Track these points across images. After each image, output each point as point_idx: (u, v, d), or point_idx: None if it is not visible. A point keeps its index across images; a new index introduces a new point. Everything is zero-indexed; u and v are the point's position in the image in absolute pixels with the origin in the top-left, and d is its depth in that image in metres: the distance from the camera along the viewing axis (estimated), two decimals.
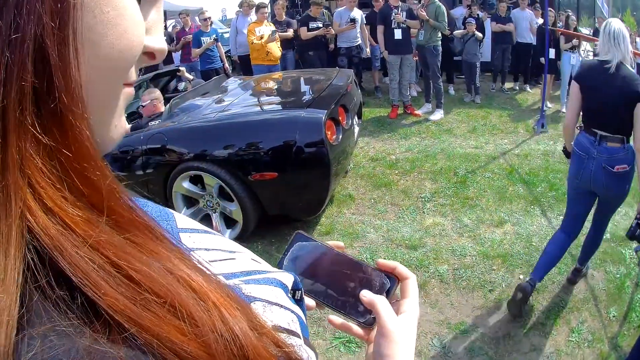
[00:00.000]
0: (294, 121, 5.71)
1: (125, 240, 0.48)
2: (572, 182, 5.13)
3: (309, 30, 11.97)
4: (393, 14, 10.82)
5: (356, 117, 7.37)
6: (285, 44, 12.27)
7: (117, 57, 0.51)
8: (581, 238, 5.78)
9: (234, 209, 5.83)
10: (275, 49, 11.55)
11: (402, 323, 0.94)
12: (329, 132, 5.80)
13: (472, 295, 5.27)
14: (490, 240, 6.22)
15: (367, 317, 1.00)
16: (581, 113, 4.79)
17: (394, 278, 1.02)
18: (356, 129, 7.31)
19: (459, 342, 4.64)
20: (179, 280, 0.48)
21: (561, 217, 6.55)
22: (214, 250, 0.72)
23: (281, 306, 0.67)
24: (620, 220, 6.85)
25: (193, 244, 0.70)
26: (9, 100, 0.40)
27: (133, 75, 0.58)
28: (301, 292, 0.80)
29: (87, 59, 0.46)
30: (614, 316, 5.03)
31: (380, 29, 11.21)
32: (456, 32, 12.82)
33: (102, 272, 0.44)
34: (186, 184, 5.96)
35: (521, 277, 5.52)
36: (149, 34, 0.57)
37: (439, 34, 11.26)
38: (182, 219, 0.75)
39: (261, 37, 11.25)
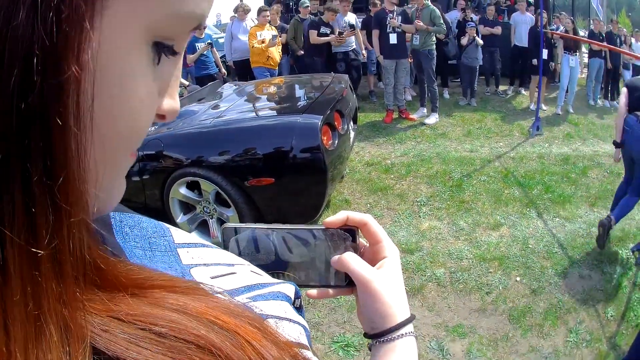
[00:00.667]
0: (290, 127, 5.70)
1: (143, 301, 0.49)
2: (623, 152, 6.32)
3: (319, 35, 11.96)
4: (388, 18, 10.82)
5: (352, 122, 7.37)
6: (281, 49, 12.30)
7: (125, 136, 0.48)
8: (578, 239, 5.84)
9: (231, 215, 5.83)
10: (276, 53, 11.58)
11: (384, 275, 0.91)
12: (325, 138, 5.80)
13: (469, 297, 5.28)
14: (486, 243, 6.23)
15: (348, 279, 0.96)
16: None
17: (351, 229, 0.95)
18: (352, 134, 7.32)
19: (457, 344, 4.65)
20: (208, 323, 0.49)
21: (557, 219, 6.67)
22: (213, 266, 0.73)
23: (290, 320, 0.68)
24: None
25: (192, 260, 0.70)
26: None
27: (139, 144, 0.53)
28: (300, 300, 0.81)
29: (92, 140, 0.41)
30: (611, 316, 5.05)
31: (375, 33, 11.19)
32: (463, 41, 12.82)
33: (137, 340, 0.44)
34: (183, 190, 5.96)
35: (518, 279, 5.54)
36: (163, 95, 0.53)
37: (434, 38, 11.29)
38: (178, 233, 0.74)
39: (262, 42, 11.26)
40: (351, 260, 0.90)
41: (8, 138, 0.34)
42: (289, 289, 0.78)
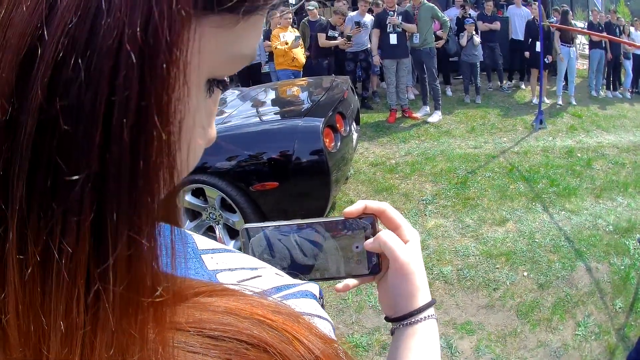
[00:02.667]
0: (292, 130, 5.70)
1: (191, 309, 0.52)
2: None
3: (327, 38, 11.97)
4: (388, 17, 10.83)
5: (354, 123, 7.38)
6: None
7: (190, 167, 0.53)
8: (584, 232, 5.86)
9: (237, 220, 5.83)
10: (301, 54, 11.53)
11: (412, 252, 0.94)
12: (327, 140, 5.80)
13: (477, 294, 5.28)
14: (492, 239, 6.23)
15: (370, 267, 0.99)
16: None
17: (369, 217, 0.97)
18: (354, 135, 7.32)
19: (466, 341, 4.65)
20: (257, 322, 0.52)
21: (563, 212, 6.65)
22: (238, 270, 0.75)
23: (320, 317, 0.72)
24: (623, 211, 6.88)
25: (216, 265, 0.72)
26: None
27: None
28: (323, 299, 0.84)
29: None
30: (620, 307, 5.04)
31: (375, 32, 11.21)
32: (462, 41, 12.80)
33: (196, 348, 0.47)
34: (188, 197, 5.97)
35: (525, 274, 5.53)
36: (210, 125, 0.58)
37: (433, 36, 11.28)
38: (200, 240, 0.77)
39: (285, 43, 11.25)
40: (389, 239, 0.93)
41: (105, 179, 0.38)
42: (314, 287, 0.83)
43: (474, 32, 12.62)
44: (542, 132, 10.49)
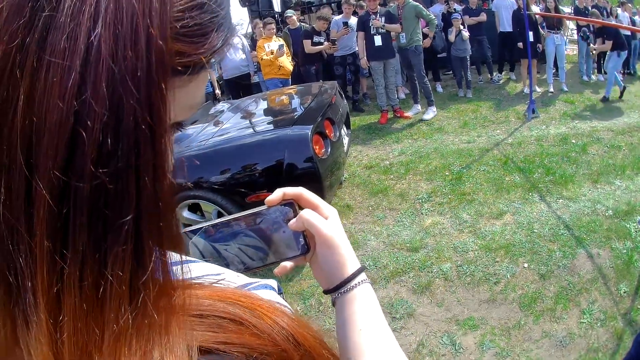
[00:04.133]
0: (282, 140, 5.74)
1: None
2: None
3: (312, 44, 12.03)
4: (371, 19, 10.82)
5: (344, 128, 7.37)
6: None
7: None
8: (583, 218, 5.83)
9: None
10: (287, 63, 11.58)
11: (333, 225, 1.02)
12: (317, 147, 5.81)
13: (478, 289, 5.23)
14: (491, 233, 6.19)
15: (299, 248, 1.04)
16: None
17: (289, 202, 1.03)
18: (346, 139, 7.32)
19: (469, 337, 4.61)
20: (231, 303, 0.68)
21: (561, 200, 6.63)
22: (204, 277, 0.85)
23: (280, 304, 0.79)
24: (622, 195, 6.85)
25: (187, 275, 0.80)
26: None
27: None
28: (283, 294, 0.95)
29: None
30: (624, 292, 5.00)
31: (360, 35, 11.21)
32: (450, 37, 12.82)
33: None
34: (185, 214, 5.98)
35: (525, 265, 5.49)
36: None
37: (419, 34, 11.25)
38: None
39: (271, 52, 11.28)
40: (309, 216, 1.01)
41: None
42: (273, 282, 0.98)
43: (461, 27, 12.62)
44: (535, 121, 10.48)
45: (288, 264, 1.06)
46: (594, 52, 12.99)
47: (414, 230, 6.51)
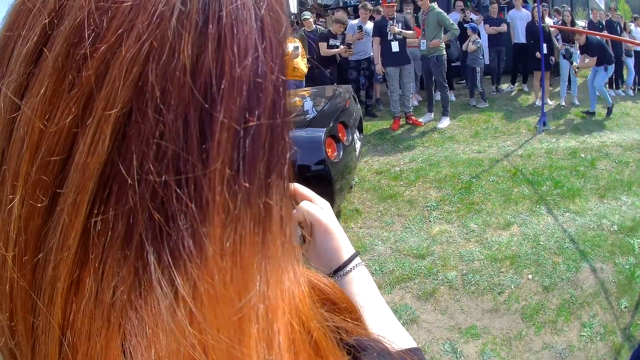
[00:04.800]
0: (295, 141, 5.67)
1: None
2: None
3: (328, 47, 12.03)
4: (388, 25, 10.85)
5: (357, 132, 7.41)
6: None
7: None
8: (589, 233, 5.90)
9: None
10: (302, 64, 11.41)
11: (329, 215, 1.11)
12: (330, 150, 5.85)
13: (482, 299, 5.31)
14: (497, 243, 6.26)
15: (296, 239, 1.06)
16: None
17: None
18: (358, 144, 7.36)
19: (471, 346, 4.68)
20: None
21: (568, 214, 6.68)
22: None
23: None
24: (627, 210, 6.89)
25: None
26: None
27: None
28: None
29: None
30: (625, 307, 5.07)
31: (376, 40, 11.20)
32: (470, 47, 12.78)
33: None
34: None
35: (530, 277, 5.56)
36: None
37: (442, 44, 11.26)
38: None
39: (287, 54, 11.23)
40: (308, 207, 1.10)
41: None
42: None
43: (476, 37, 12.62)
44: (546, 134, 10.50)
45: None
46: (577, 70, 12.80)
47: (422, 237, 6.58)
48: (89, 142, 0.48)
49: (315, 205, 1.11)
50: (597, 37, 11.76)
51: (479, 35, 12.99)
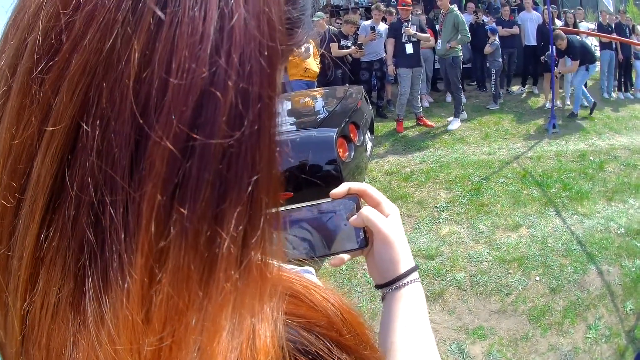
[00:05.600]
0: (306, 141, 5.76)
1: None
2: None
3: (339, 47, 12.01)
4: (403, 27, 10.89)
5: (368, 133, 7.46)
6: None
7: None
8: (596, 235, 5.97)
9: None
10: (314, 65, 11.28)
11: (392, 223, 1.06)
12: (341, 150, 5.88)
13: (489, 300, 5.38)
14: (505, 245, 6.33)
15: (358, 241, 1.08)
16: None
17: (353, 197, 1.08)
18: (369, 145, 7.41)
19: (478, 347, 4.76)
20: (287, 280, 0.69)
21: (576, 216, 6.72)
22: None
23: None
24: (634, 213, 6.93)
25: None
26: None
27: None
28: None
29: None
30: (630, 310, 5.13)
31: (390, 42, 11.24)
32: (488, 49, 12.79)
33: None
34: None
35: (537, 279, 5.63)
36: None
37: (459, 46, 11.34)
38: None
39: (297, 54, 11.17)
40: (370, 214, 1.05)
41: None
42: (311, 269, 1.06)
43: (495, 39, 12.62)
44: (555, 136, 10.54)
45: (345, 257, 1.09)
46: (558, 75, 12.66)
47: (431, 238, 6.65)
48: (43, 154, 0.51)
49: (376, 212, 1.06)
50: (579, 38, 11.69)
51: (486, 37, 13.02)
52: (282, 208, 0.97)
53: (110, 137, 0.48)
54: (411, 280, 1.05)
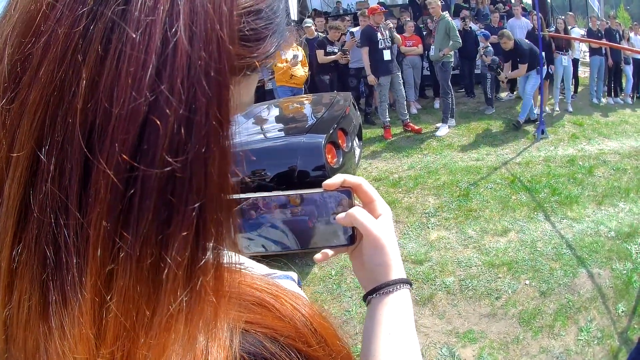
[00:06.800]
0: (295, 147, 5.82)
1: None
2: None
3: (325, 54, 12.02)
4: (380, 28, 10.78)
5: (356, 139, 7.45)
6: None
7: None
8: (586, 239, 5.96)
9: None
10: (300, 71, 11.33)
11: (383, 226, 1.00)
12: (329, 156, 5.89)
13: (479, 303, 5.34)
14: (494, 250, 6.30)
15: (346, 238, 1.03)
16: None
17: (347, 190, 1.01)
18: (357, 151, 7.41)
19: (468, 350, 4.71)
20: (260, 289, 0.73)
21: (565, 220, 6.70)
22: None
23: (298, 294, 0.81)
24: (625, 217, 6.93)
25: None
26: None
27: None
28: (302, 287, 1.00)
29: None
30: (622, 311, 5.10)
31: (365, 50, 10.91)
32: (487, 59, 12.80)
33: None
34: None
35: (527, 282, 5.59)
36: None
37: (451, 52, 11.39)
38: None
39: (285, 61, 11.18)
40: (359, 215, 0.98)
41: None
42: (293, 274, 1.09)
43: (488, 45, 12.67)
44: (544, 141, 10.55)
45: (330, 252, 1.04)
46: (504, 80, 12.54)
47: (420, 243, 6.62)
48: (11, 177, 0.53)
49: (366, 214, 0.99)
50: (527, 42, 11.56)
51: (477, 43, 13.07)
52: (264, 194, 1.00)
53: (63, 165, 0.51)
54: (400, 286, 1.00)
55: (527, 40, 11.69)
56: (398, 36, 11.16)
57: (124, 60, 0.49)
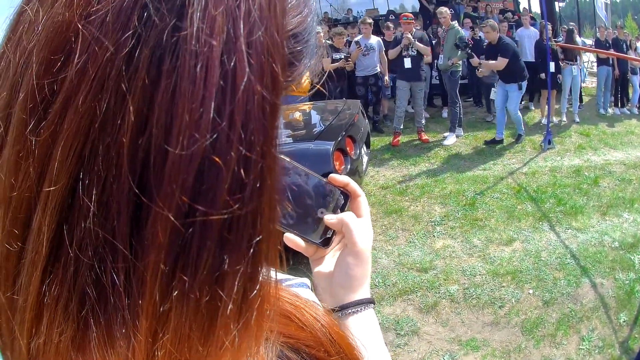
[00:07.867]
0: (303, 154, 5.80)
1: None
2: None
3: (332, 61, 11.98)
4: (403, 37, 10.93)
5: (364, 147, 7.48)
6: None
7: None
8: (590, 249, 5.99)
9: None
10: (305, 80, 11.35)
11: (369, 242, 0.98)
12: (337, 163, 5.93)
13: (483, 312, 5.39)
14: (499, 259, 6.34)
15: (324, 238, 0.99)
16: None
17: (346, 194, 0.99)
18: (365, 158, 7.43)
19: (471, 358, 4.77)
20: (289, 304, 0.71)
21: (570, 231, 6.73)
22: None
23: (315, 302, 0.80)
24: (629, 227, 6.95)
25: None
26: None
27: None
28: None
29: None
30: (624, 321, 5.14)
31: (391, 52, 11.30)
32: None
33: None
34: None
35: (530, 292, 5.64)
36: None
37: (460, 61, 11.49)
38: None
39: None
40: (352, 222, 0.96)
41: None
42: (307, 281, 1.02)
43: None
44: (551, 152, 10.58)
45: (302, 244, 1.00)
46: (481, 70, 11.95)
47: (425, 251, 6.67)
48: (42, 209, 0.49)
49: (360, 224, 0.98)
50: (515, 46, 11.39)
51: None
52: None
53: (109, 202, 0.47)
54: (367, 305, 1.00)
55: (516, 47, 11.46)
56: (423, 46, 11.15)
57: (181, 96, 0.45)
